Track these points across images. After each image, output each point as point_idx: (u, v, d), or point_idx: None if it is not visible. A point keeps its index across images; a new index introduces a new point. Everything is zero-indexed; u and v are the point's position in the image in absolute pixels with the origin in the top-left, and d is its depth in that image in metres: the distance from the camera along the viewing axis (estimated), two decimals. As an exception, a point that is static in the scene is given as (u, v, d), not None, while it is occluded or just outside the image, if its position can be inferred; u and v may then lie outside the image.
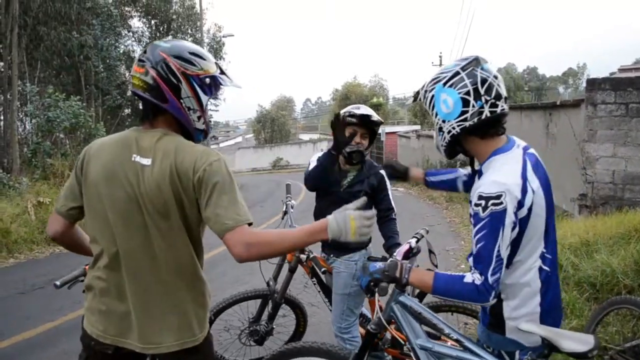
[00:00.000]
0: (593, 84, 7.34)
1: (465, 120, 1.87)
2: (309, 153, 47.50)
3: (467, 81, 1.86)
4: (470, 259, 1.86)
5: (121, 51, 19.82)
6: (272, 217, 11.57)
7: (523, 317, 1.90)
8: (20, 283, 6.67)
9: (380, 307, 2.38)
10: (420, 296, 2.17)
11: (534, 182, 1.85)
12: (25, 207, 9.13)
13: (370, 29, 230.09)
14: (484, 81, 1.85)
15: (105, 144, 1.90)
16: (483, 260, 1.77)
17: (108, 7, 17.12)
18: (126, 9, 22.00)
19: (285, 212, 3.67)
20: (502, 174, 1.82)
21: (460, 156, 2.12)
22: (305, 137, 61.29)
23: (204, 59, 1.89)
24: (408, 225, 10.45)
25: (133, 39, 22.97)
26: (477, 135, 1.93)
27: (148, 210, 1.77)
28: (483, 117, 1.86)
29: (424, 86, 2.03)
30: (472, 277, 1.79)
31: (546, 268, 1.90)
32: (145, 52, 1.87)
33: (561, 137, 8.35)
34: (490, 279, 1.75)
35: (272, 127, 58.08)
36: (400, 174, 2.73)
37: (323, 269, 2.98)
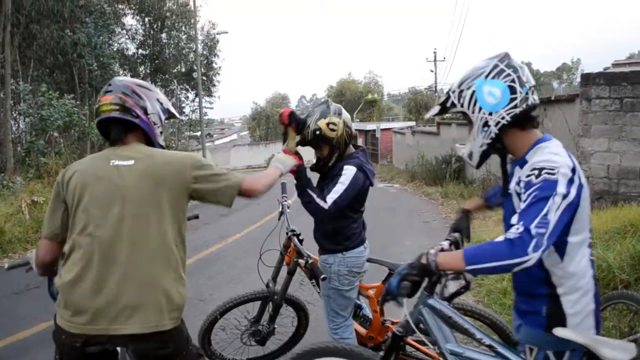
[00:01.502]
0: (587, 78, 7.36)
1: (515, 107, 1.89)
2: (304, 150, 47.32)
3: (509, 71, 1.91)
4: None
5: (115, 49, 19.73)
6: (268, 214, 11.55)
7: (583, 312, 1.85)
8: (14, 283, 6.62)
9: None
10: (449, 299, 2.09)
11: (579, 169, 1.85)
12: (20, 206, 9.08)
13: (365, 25, 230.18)
14: (522, 70, 1.93)
15: (83, 162, 2.20)
16: (528, 214, 1.70)
17: (101, 4, 17.01)
18: (120, 6, 21.90)
19: (282, 213, 3.54)
20: (553, 154, 1.83)
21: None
22: (300, 134, 61.15)
23: (155, 90, 2.41)
24: (404, 220, 10.47)
25: (127, 36, 22.93)
26: (519, 127, 1.94)
27: (131, 199, 2.00)
28: (530, 102, 1.89)
29: (454, 88, 2.03)
30: (505, 235, 1.71)
31: (591, 254, 1.89)
32: (109, 85, 2.23)
33: (556, 132, 8.36)
34: (533, 230, 1.66)
35: (267, 124, 58.02)
36: (467, 228, 2.58)
37: (323, 276, 2.98)
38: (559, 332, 1.84)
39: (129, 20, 23.03)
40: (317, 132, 2.98)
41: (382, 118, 48.15)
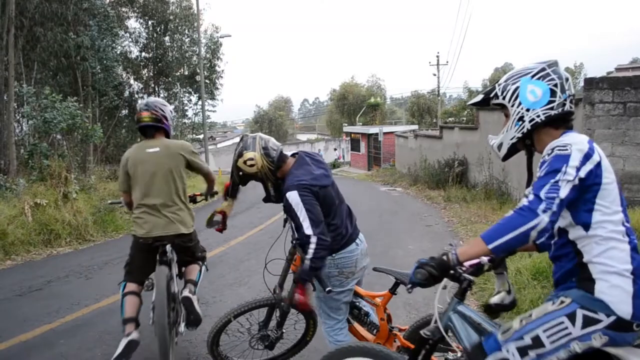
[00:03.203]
0: (591, 83, 7.35)
1: (551, 109, 2.06)
2: (306, 153, 47.38)
3: (554, 76, 2.08)
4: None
5: (118, 52, 19.74)
6: (269, 218, 11.55)
7: (614, 275, 1.87)
8: (17, 285, 6.64)
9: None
10: (460, 295, 2.19)
11: (600, 151, 1.96)
12: (22, 208, 9.09)
13: (368, 29, 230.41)
14: (567, 78, 2.08)
15: (131, 151, 4.06)
16: (539, 184, 1.85)
17: (105, 8, 17.04)
18: (123, 9, 21.94)
19: (286, 220, 3.39)
20: (568, 137, 1.98)
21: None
22: (302, 137, 61.37)
23: (168, 105, 4.20)
24: (407, 224, 10.47)
25: (130, 39, 22.92)
26: (553, 126, 2.09)
27: (164, 170, 3.93)
28: (566, 108, 2.06)
29: (501, 82, 2.21)
30: (519, 204, 1.85)
31: (629, 238, 1.93)
32: (146, 105, 4.00)
33: (559, 137, 8.36)
34: (543, 195, 1.81)
35: (270, 127, 58.13)
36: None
37: (328, 289, 3.01)
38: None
39: (133, 24, 23.09)
40: (240, 174, 3.22)
41: (384, 122, 48.15)
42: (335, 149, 46.55)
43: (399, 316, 4.91)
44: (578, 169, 1.86)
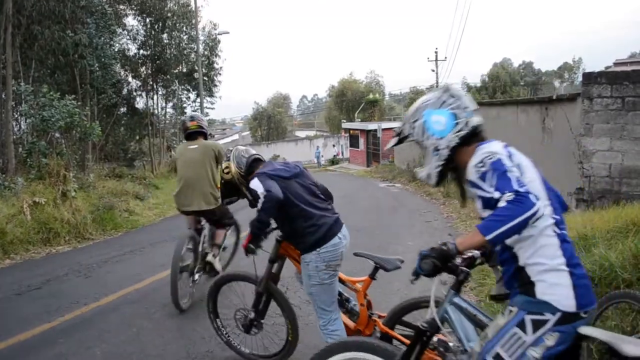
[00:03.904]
0: (589, 77, 7.34)
1: (460, 130, 2.18)
2: (305, 150, 47.54)
3: (451, 100, 2.22)
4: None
5: (116, 50, 19.68)
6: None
7: (549, 272, 1.95)
8: (16, 284, 6.63)
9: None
10: (457, 287, 2.27)
11: (516, 153, 2.13)
12: (21, 207, 9.08)
13: (366, 24, 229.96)
14: (461, 98, 2.23)
15: (180, 147, 5.90)
16: (505, 184, 1.92)
17: (102, 5, 16.96)
18: (120, 7, 21.86)
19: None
20: (485, 148, 2.11)
21: None
22: (301, 134, 61.36)
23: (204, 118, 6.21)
24: (406, 220, 10.47)
25: (128, 37, 22.86)
26: (467, 145, 2.20)
27: (199, 160, 5.50)
28: (473, 124, 2.19)
29: (406, 122, 2.33)
30: (502, 201, 1.89)
31: (555, 228, 2.02)
32: (192, 117, 5.83)
33: (557, 132, 8.35)
34: (520, 189, 1.88)
35: (269, 124, 58.08)
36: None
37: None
38: (583, 330, 1.96)
39: (130, 21, 23.00)
40: (222, 181, 3.75)
41: (383, 118, 48.08)
42: (334, 145, 46.55)
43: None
44: (513, 167, 1.99)
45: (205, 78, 24.69)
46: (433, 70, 43.93)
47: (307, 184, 3.51)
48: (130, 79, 23.68)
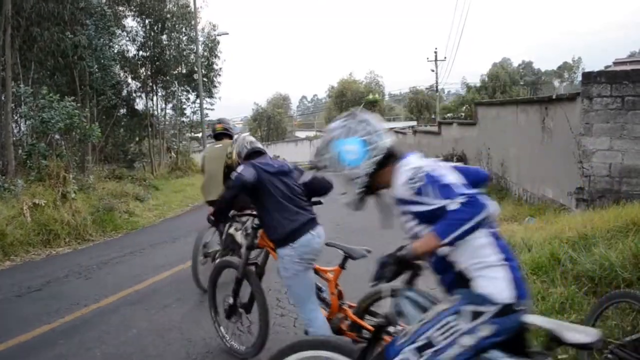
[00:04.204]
0: (589, 77, 7.33)
1: (374, 155, 2.19)
2: (305, 150, 47.50)
3: (358, 127, 2.22)
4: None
5: (115, 51, 19.64)
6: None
7: (487, 269, 2.00)
8: (16, 285, 6.64)
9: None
10: (410, 282, 2.27)
11: (432, 162, 2.14)
12: (21, 209, 9.08)
13: (366, 25, 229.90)
14: (368, 122, 2.23)
15: (207, 148, 7.01)
16: (449, 191, 1.95)
17: (102, 6, 16.93)
18: (120, 8, 21.83)
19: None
20: (407, 166, 2.12)
21: None
22: (301, 134, 61.28)
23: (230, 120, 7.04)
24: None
25: (127, 38, 22.82)
26: (385, 167, 2.21)
27: (222, 157, 5.00)
28: (386, 146, 2.20)
29: (319, 157, 2.33)
30: (454, 204, 1.91)
31: (492, 229, 2.07)
32: (219, 121, 6.68)
33: (557, 131, 8.34)
34: (468, 192, 1.93)
35: (269, 124, 58.09)
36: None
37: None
38: (526, 318, 2.02)
39: (130, 22, 22.95)
40: (225, 164, 4.43)
41: (383, 118, 48.09)
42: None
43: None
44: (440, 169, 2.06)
45: (205, 79, 24.68)
46: (433, 71, 43.95)
47: (291, 183, 3.71)
48: (129, 80, 23.64)
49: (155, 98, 24.59)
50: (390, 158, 2.22)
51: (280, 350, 2.48)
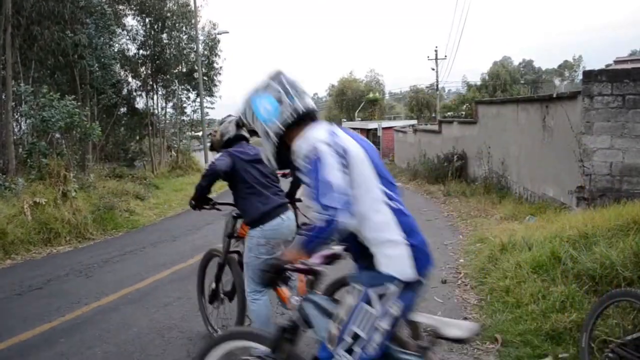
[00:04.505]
0: (589, 75, 7.32)
1: (285, 117, 2.27)
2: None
3: (277, 86, 2.30)
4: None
5: (116, 50, 19.66)
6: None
7: (386, 244, 2.09)
8: (17, 284, 6.64)
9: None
10: (330, 291, 2.58)
11: (346, 138, 2.21)
12: (22, 207, 9.08)
13: (366, 23, 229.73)
14: (290, 82, 2.32)
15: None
16: (318, 194, 2.03)
17: (102, 5, 16.93)
18: (120, 7, 21.84)
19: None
20: (310, 138, 2.19)
21: None
22: (302, 133, 61.21)
23: None
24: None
25: (127, 37, 22.84)
26: (297, 127, 2.29)
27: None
28: (298, 109, 2.28)
29: (240, 110, 2.45)
30: (318, 221, 2.01)
31: (393, 204, 2.15)
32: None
33: (558, 130, 8.34)
34: (327, 202, 1.99)
35: (269, 123, 57.97)
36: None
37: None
38: (411, 317, 2.17)
39: (130, 21, 22.95)
40: (209, 142, 4.49)
41: (383, 117, 48.14)
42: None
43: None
44: (334, 158, 2.09)
45: (205, 78, 24.68)
46: (433, 69, 43.89)
47: (266, 170, 3.88)
48: (130, 79, 23.68)
49: (155, 97, 24.63)
50: (302, 121, 2.29)
51: (214, 340, 2.65)
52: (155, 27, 22.87)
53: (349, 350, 2.08)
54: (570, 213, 7.13)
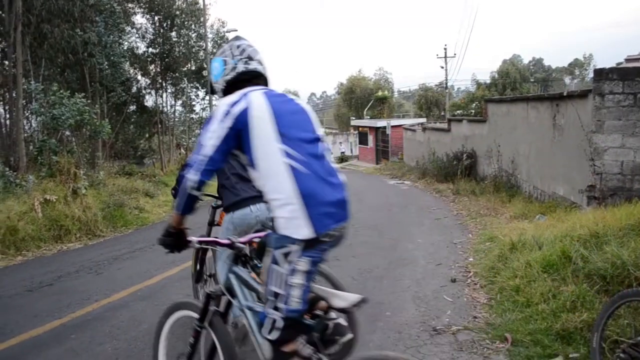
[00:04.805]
0: (600, 74, 7.27)
1: (226, 75, 2.54)
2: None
3: (226, 48, 2.59)
4: None
5: (125, 48, 19.75)
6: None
7: (281, 207, 2.18)
8: (27, 280, 6.69)
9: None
10: (259, 254, 2.78)
11: (257, 101, 2.30)
12: (32, 204, 9.15)
13: (375, 21, 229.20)
14: (237, 46, 2.57)
15: None
16: (197, 149, 2.33)
17: (111, 3, 17.02)
18: (129, 5, 21.93)
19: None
20: (235, 95, 2.37)
21: None
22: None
23: None
24: (416, 217, 10.43)
25: (137, 35, 22.93)
26: (237, 88, 2.45)
27: None
28: (239, 70, 2.53)
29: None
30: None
31: (293, 163, 2.21)
32: None
33: (568, 128, 8.29)
34: (193, 160, 2.31)
35: (277, 121, 58.01)
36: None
37: None
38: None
39: (139, 19, 23.06)
40: None
41: (392, 115, 48.01)
42: (340, 143, 46.58)
43: (408, 309, 4.89)
44: (221, 122, 2.28)
45: (214, 76, 24.70)
46: (442, 67, 43.71)
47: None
48: (139, 77, 23.77)
49: (164, 95, 24.71)
50: (242, 82, 2.49)
51: (165, 311, 2.99)
52: (165, 25, 22.94)
53: (276, 308, 2.23)
54: (580, 212, 7.09)
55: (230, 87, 2.51)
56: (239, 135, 2.27)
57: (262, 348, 2.42)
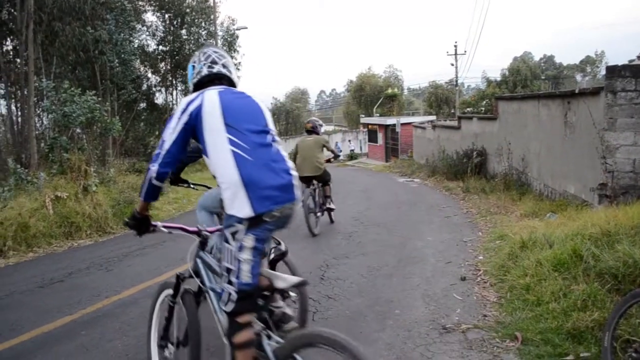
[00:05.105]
0: (613, 71, 7.19)
1: (194, 78, 2.91)
2: (323, 145, 47.43)
3: (197, 56, 2.97)
4: None
5: (135, 45, 19.85)
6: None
7: (227, 189, 2.44)
8: (39, 277, 6.74)
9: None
10: (201, 246, 3.16)
11: (209, 98, 2.60)
12: (44, 201, 9.21)
13: (385, 19, 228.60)
14: (204, 53, 2.95)
15: (300, 139, 9.02)
16: (159, 145, 2.66)
17: (122, 1, 17.08)
18: (140, 3, 22.02)
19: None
20: (193, 95, 2.68)
21: None
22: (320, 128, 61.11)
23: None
24: (425, 215, 10.40)
25: (147, 33, 23.03)
26: (202, 88, 2.74)
27: (312, 146, 8.78)
28: (203, 74, 2.88)
29: None
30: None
31: (237, 150, 2.47)
32: (309, 121, 9.50)
33: (580, 126, 8.22)
34: (156, 152, 2.65)
35: (287, 119, 58.17)
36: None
37: None
38: (264, 271, 2.65)
39: (149, 17, 23.14)
40: None
41: (402, 112, 47.85)
42: (349, 141, 46.50)
43: (417, 307, 4.88)
44: (179, 120, 2.60)
45: (224, 73, 24.75)
46: (452, 65, 43.53)
47: None
48: (149, 74, 23.88)
49: (174, 92, 24.81)
50: (206, 83, 2.82)
51: (156, 291, 3.41)
52: (175, 22, 23.02)
53: (230, 282, 2.47)
54: (592, 210, 7.03)
55: (198, 88, 2.80)
56: (193, 129, 2.59)
57: (221, 321, 2.74)
